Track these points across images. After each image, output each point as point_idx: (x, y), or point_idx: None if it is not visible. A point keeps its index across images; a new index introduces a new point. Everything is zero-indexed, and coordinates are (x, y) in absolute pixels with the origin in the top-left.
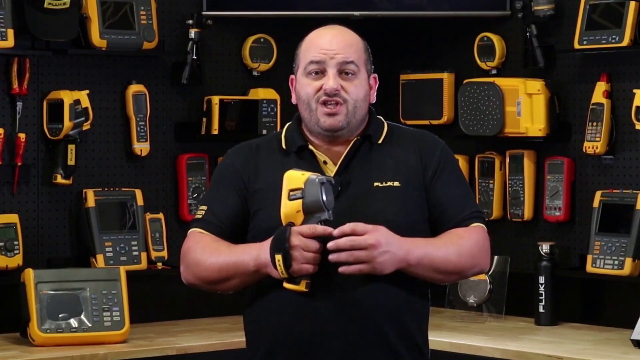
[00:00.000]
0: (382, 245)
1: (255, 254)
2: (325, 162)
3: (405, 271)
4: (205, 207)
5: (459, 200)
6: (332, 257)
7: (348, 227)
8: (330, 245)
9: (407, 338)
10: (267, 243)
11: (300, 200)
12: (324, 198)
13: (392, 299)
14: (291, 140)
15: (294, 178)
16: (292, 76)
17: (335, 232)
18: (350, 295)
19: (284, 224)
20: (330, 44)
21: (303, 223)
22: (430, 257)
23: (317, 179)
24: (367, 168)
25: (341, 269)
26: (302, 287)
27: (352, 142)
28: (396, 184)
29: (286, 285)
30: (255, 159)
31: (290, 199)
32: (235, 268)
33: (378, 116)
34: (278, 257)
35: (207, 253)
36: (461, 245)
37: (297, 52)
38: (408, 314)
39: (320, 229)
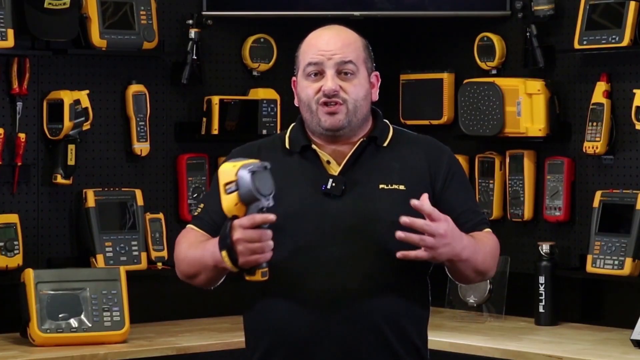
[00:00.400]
0: (449, 236)
1: (211, 250)
2: (328, 162)
3: (451, 264)
4: (202, 205)
5: (470, 206)
6: (401, 234)
7: (428, 208)
8: (404, 220)
9: (406, 340)
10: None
11: (235, 193)
12: (258, 186)
13: (392, 301)
14: (295, 140)
15: (226, 171)
16: (293, 78)
17: (414, 203)
18: (350, 297)
19: (228, 218)
20: (328, 44)
21: (246, 214)
22: (477, 255)
23: (247, 168)
24: (372, 170)
25: (400, 254)
26: (258, 276)
27: (357, 143)
28: (402, 187)
29: (246, 277)
30: (258, 159)
31: (227, 193)
32: (199, 263)
33: (384, 119)
34: (223, 253)
35: (186, 247)
36: (488, 247)
37: (297, 54)
38: (407, 316)
39: (259, 217)
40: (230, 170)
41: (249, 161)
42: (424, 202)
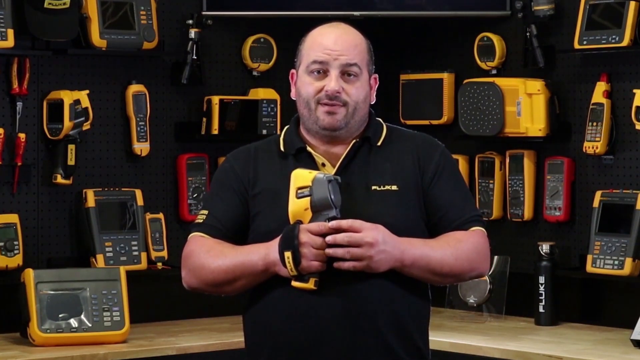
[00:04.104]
0: (379, 243)
1: (263, 253)
2: (323, 164)
3: (401, 271)
4: (206, 212)
5: (459, 204)
6: (328, 251)
7: (346, 222)
8: (328, 239)
9: (407, 341)
10: (275, 242)
11: (308, 198)
12: (332, 196)
13: (393, 302)
14: (290, 143)
15: (301, 176)
16: (292, 70)
17: (331, 224)
18: (350, 299)
19: (291, 222)
20: (335, 44)
21: (311, 221)
22: (427, 258)
23: (324, 177)
24: (365, 171)
25: (336, 265)
26: (310, 285)
27: (351, 144)
28: (394, 187)
29: (294, 283)
30: (255, 162)
31: (298, 197)
32: (243, 269)
33: (377, 118)
34: (287, 254)
35: (212, 256)
36: (459, 249)
37: (300, 48)
38: (408, 317)
39: (334, 224)
40: (305, 176)
41: (323, 172)
42: (345, 222)
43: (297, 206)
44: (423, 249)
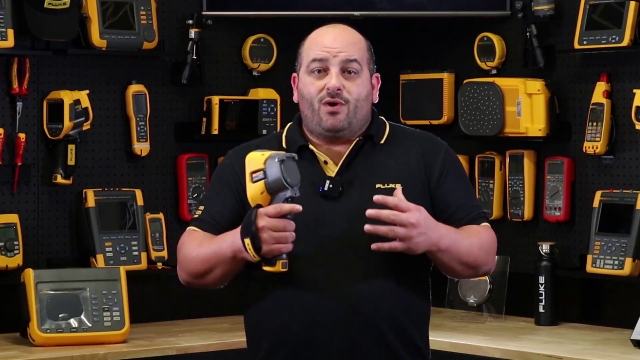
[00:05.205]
0: (422, 226)
1: (230, 240)
2: (325, 162)
3: (433, 256)
4: (202, 207)
5: (467, 201)
6: (369, 227)
7: (392, 200)
8: (370, 213)
9: (407, 341)
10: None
11: (262, 181)
12: (285, 176)
13: (393, 302)
14: (292, 140)
15: (254, 160)
16: (294, 74)
17: (376, 198)
18: (350, 298)
19: (252, 207)
20: (334, 42)
21: (270, 203)
22: (458, 245)
23: (276, 157)
24: (368, 169)
25: (374, 246)
26: (278, 267)
27: (354, 142)
28: (398, 186)
29: (265, 268)
30: None
31: (253, 181)
32: (216, 257)
33: (380, 116)
34: (247, 241)
35: (194, 247)
36: (481, 239)
37: (300, 50)
38: (409, 317)
39: (287, 207)
40: (258, 159)
41: (277, 152)
42: (397, 194)
43: (253, 191)
44: (456, 236)
